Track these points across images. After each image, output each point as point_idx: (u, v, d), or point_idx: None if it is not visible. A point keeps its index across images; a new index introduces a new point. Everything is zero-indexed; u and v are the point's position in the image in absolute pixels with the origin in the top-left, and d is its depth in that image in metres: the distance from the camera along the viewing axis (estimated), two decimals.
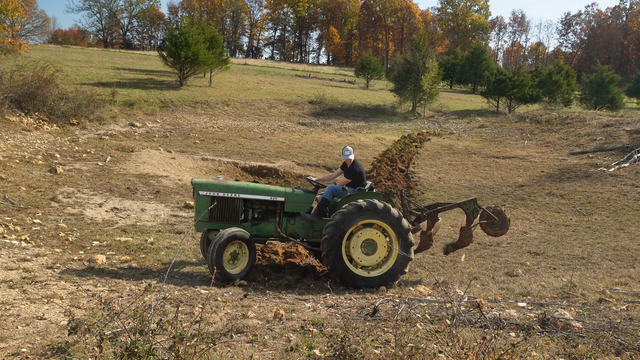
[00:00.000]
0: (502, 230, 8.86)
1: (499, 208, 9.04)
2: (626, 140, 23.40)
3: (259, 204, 8.08)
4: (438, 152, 23.09)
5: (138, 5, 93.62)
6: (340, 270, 7.45)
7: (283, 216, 8.06)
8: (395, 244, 7.61)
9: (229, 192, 7.87)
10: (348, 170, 8.32)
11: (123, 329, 3.77)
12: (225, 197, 7.85)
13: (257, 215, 8.08)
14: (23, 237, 8.38)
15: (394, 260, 7.62)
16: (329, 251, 7.41)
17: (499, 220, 8.81)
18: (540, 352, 4.53)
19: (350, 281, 7.47)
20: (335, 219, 7.47)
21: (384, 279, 7.56)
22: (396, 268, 7.62)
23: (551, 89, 39.04)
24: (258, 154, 20.05)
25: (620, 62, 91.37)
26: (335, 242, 7.40)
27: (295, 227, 8.06)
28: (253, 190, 8.00)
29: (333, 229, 7.42)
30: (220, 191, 7.83)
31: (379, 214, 7.52)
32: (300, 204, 8.07)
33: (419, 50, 35.19)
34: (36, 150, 15.64)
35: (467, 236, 8.77)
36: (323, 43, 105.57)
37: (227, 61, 36.21)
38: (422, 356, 3.77)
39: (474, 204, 8.89)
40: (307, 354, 4.32)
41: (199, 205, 7.75)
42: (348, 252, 7.62)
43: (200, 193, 7.72)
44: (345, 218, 7.44)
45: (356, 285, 7.45)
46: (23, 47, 22.37)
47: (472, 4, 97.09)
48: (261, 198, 7.98)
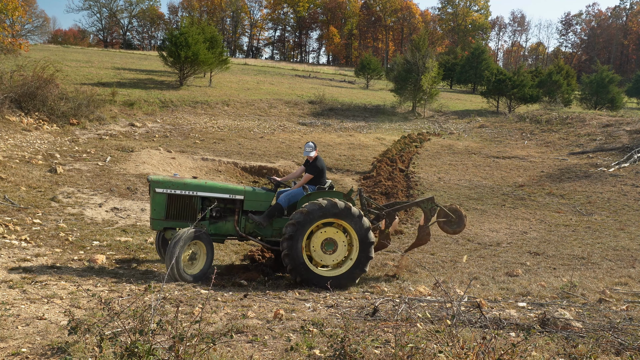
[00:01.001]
0: (460, 227, 9.01)
1: (455, 206, 9.17)
2: (626, 140, 23.40)
3: (217, 202, 7.88)
4: (438, 152, 23.09)
5: (138, 5, 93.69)
6: (300, 269, 7.40)
7: (242, 215, 7.92)
8: (356, 243, 7.62)
9: (186, 190, 7.64)
10: (309, 166, 8.24)
11: (123, 329, 3.77)
12: (182, 195, 7.63)
13: (215, 214, 7.88)
14: (23, 237, 8.38)
15: (355, 259, 7.61)
16: (288, 250, 7.33)
17: (455, 218, 8.94)
18: (540, 352, 4.53)
19: (310, 280, 7.41)
20: (295, 217, 7.40)
21: (344, 278, 7.54)
22: (356, 267, 7.60)
23: (551, 89, 39.05)
24: (258, 154, 20.05)
25: (620, 62, 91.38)
26: (295, 242, 7.34)
27: (254, 226, 7.93)
28: (211, 188, 7.82)
29: (293, 228, 7.34)
30: (177, 189, 7.61)
31: (340, 213, 7.48)
32: (259, 202, 7.95)
33: (419, 50, 35.19)
34: (36, 150, 15.64)
35: (424, 234, 8.90)
36: (323, 43, 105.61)
37: (227, 61, 36.22)
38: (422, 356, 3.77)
39: (431, 202, 9.01)
40: (307, 354, 4.32)
41: (155, 203, 7.58)
42: (308, 252, 7.59)
43: (157, 190, 7.53)
44: (305, 217, 7.37)
45: (317, 285, 7.37)
46: (23, 47, 22.37)
47: (472, 4, 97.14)
48: (219, 196, 7.82)
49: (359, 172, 18.87)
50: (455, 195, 15.88)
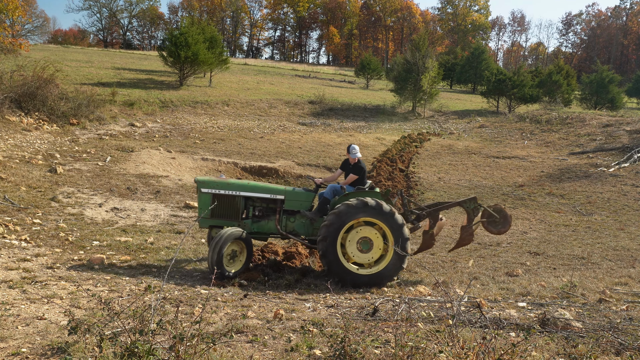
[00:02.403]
0: (505, 227, 8.81)
1: (500, 206, 8.98)
2: (626, 140, 23.40)
3: (259, 202, 8.22)
4: (438, 152, 23.08)
5: (138, 5, 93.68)
6: (335, 269, 7.52)
7: (283, 214, 8.16)
8: (390, 240, 7.62)
9: (230, 190, 8.01)
10: (354, 166, 8.36)
11: (123, 329, 3.77)
12: (226, 195, 8.00)
13: (257, 213, 8.21)
14: (23, 237, 8.38)
15: (390, 257, 7.63)
16: (324, 251, 7.51)
17: (500, 218, 8.76)
18: (540, 352, 4.53)
19: (346, 279, 7.50)
20: (328, 219, 7.57)
21: (381, 276, 7.59)
22: (392, 265, 7.61)
23: (551, 89, 39.06)
24: (258, 154, 20.05)
25: (620, 62, 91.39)
26: (330, 242, 7.48)
27: (295, 224, 8.16)
28: (253, 188, 8.15)
29: (326, 230, 7.51)
30: (221, 189, 7.99)
31: (371, 211, 7.55)
32: (300, 202, 8.17)
33: (419, 50, 35.19)
34: (36, 150, 15.64)
35: (467, 235, 8.72)
36: (323, 43, 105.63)
37: (227, 61, 36.22)
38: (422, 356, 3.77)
39: (474, 202, 8.81)
40: (307, 354, 4.32)
41: (201, 203, 8.00)
42: (345, 251, 7.67)
43: (202, 190, 7.95)
44: (338, 218, 7.49)
45: (353, 284, 7.48)
46: (23, 47, 22.37)
47: (472, 4, 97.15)
48: (261, 196, 8.12)
49: None
50: (455, 195, 15.87)
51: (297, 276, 7.94)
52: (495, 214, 8.76)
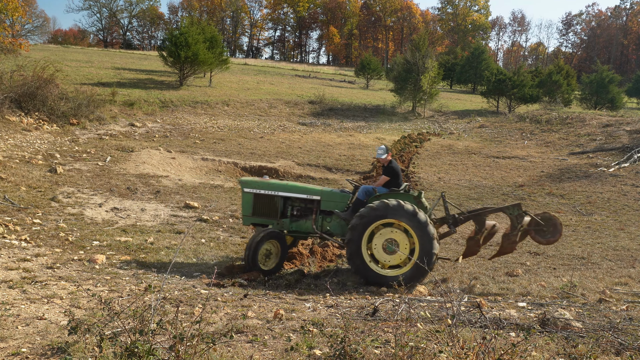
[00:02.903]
0: (554, 237, 8.15)
1: (549, 213, 8.30)
2: (626, 140, 23.39)
3: (298, 202, 8.51)
4: (438, 152, 23.08)
5: (138, 5, 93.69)
6: (362, 270, 7.60)
7: (319, 214, 8.37)
8: (416, 242, 7.50)
9: (269, 190, 8.42)
10: (385, 168, 8.41)
11: (123, 329, 3.77)
12: (266, 195, 8.41)
13: (296, 213, 8.52)
14: (23, 237, 8.38)
15: (415, 259, 7.54)
16: (350, 253, 7.64)
17: (549, 227, 8.13)
18: (540, 352, 4.53)
19: (372, 280, 7.49)
20: (353, 221, 7.68)
21: (407, 278, 7.37)
22: (418, 267, 7.44)
23: (551, 89, 39.05)
24: (258, 154, 20.05)
25: (620, 62, 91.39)
26: (355, 244, 7.57)
27: (331, 225, 8.32)
28: (291, 189, 8.48)
29: (352, 232, 7.63)
30: (261, 189, 8.43)
31: (393, 212, 7.50)
32: (335, 203, 8.33)
33: (419, 50, 35.19)
34: (36, 150, 15.64)
35: (509, 243, 8.20)
36: (323, 43, 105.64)
37: (227, 61, 36.23)
38: (422, 356, 3.77)
39: (518, 209, 8.26)
40: (307, 354, 4.32)
41: (244, 202, 8.55)
42: (371, 252, 7.69)
43: (245, 190, 8.49)
44: (361, 220, 7.59)
45: (380, 284, 7.42)
46: (23, 47, 22.36)
47: (472, 4, 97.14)
48: (299, 196, 8.42)
49: (359, 172, 18.86)
50: (455, 195, 15.87)
51: (297, 276, 7.95)
52: (542, 222, 8.13)
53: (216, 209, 12.29)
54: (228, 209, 12.36)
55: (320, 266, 8.69)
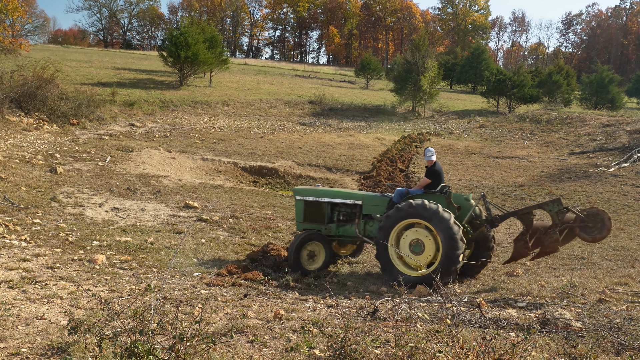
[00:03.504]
0: (602, 234, 7.58)
1: (595, 209, 7.74)
2: (626, 140, 23.39)
3: (343, 207, 8.79)
4: (438, 152, 23.07)
5: (138, 5, 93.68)
6: (388, 269, 7.69)
7: (362, 218, 8.58)
8: (440, 243, 7.41)
9: (317, 197, 8.82)
10: (427, 170, 8.47)
11: (123, 329, 3.77)
12: (314, 201, 8.82)
13: (342, 218, 8.82)
14: (23, 237, 8.37)
15: (438, 261, 7.46)
16: (378, 253, 7.81)
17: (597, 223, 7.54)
18: (540, 352, 4.53)
19: (400, 281, 7.28)
20: (380, 223, 7.87)
21: (431, 280, 7.13)
22: (441, 269, 7.25)
23: (551, 89, 39.04)
24: (258, 154, 20.05)
25: (620, 62, 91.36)
26: (382, 244, 7.71)
27: (372, 228, 8.48)
28: (336, 194, 8.84)
29: (380, 232, 7.80)
30: (310, 196, 8.86)
31: (416, 213, 7.53)
32: (375, 206, 8.49)
33: (419, 50, 35.18)
34: (36, 150, 15.64)
35: (550, 242, 7.69)
36: (323, 43, 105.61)
37: (227, 61, 36.23)
38: (422, 356, 3.76)
39: (558, 204, 7.77)
40: (307, 354, 4.32)
41: (296, 208, 9.03)
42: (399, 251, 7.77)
43: (296, 198, 8.97)
44: (387, 221, 7.74)
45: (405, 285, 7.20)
46: (23, 47, 22.36)
47: (472, 4, 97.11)
48: (342, 201, 8.72)
49: (359, 172, 18.87)
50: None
51: (297, 276, 7.95)
52: (587, 219, 7.58)
53: (216, 209, 12.29)
54: (228, 209, 12.36)
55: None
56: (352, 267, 8.96)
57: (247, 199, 13.78)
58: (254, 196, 14.34)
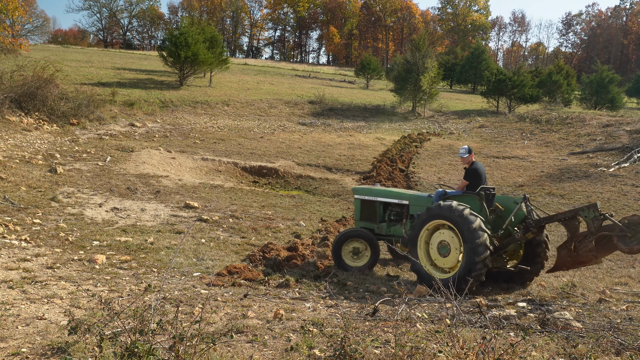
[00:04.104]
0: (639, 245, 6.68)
1: (637, 216, 6.85)
2: (626, 140, 23.39)
3: (394, 207, 8.79)
4: (438, 152, 23.08)
5: (138, 5, 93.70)
6: (416, 269, 7.63)
7: (409, 218, 8.56)
8: (462, 246, 7.17)
9: (370, 196, 8.87)
10: (465, 172, 8.19)
11: (123, 329, 3.77)
12: (369, 200, 8.88)
13: (392, 217, 8.83)
14: (23, 237, 8.37)
15: (460, 264, 7.21)
16: (410, 253, 7.70)
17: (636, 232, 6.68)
18: (540, 352, 4.53)
19: (424, 281, 7.33)
20: (412, 224, 7.87)
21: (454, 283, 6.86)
22: (462, 273, 6.98)
23: (551, 89, 39.03)
24: (258, 154, 20.05)
25: (620, 62, 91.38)
26: (412, 244, 7.67)
27: None
28: (386, 194, 8.83)
29: (410, 233, 7.78)
30: (365, 195, 8.94)
31: (441, 214, 7.37)
32: (421, 207, 8.37)
33: (419, 50, 35.18)
34: (36, 150, 15.64)
35: (585, 251, 6.98)
36: (323, 43, 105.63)
37: (227, 61, 36.22)
38: (422, 356, 3.77)
39: (594, 210, 7.03)
40: (307, 354, 4.32)
41: (355, 208, 9.18)
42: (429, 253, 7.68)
43: (355, 197, 9.11)
44: (417, 222, 7.71)
45: (430, 286, 6.97)
46: (23, 47, 22.36)
47: (472, 4, 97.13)
48: (391, 201, 8.72)
49: (359, 172, 18.86)
50: None
51: (297, 276, 7.94)
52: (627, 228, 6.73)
53: (216, 209, 12.29)
54: (228, 209, 12.36)
55: (321, 266, 8.69)
56: None
57: (247, 199, 13.78)
58: (254, 196, 14.34)
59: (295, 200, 14.49)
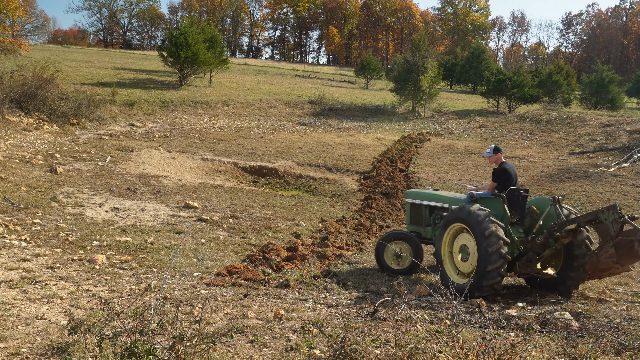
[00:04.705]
0: None
1: None
2: (626, 140, 23.39)
3: (438, 210, 8.62)
4: (438, 152, 23.08)
5: (138, 5, 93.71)
6: (440, 271, 7.38)
7: None
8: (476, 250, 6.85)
9: (417, 199, 8.85)
10: (492, 173, 7.88)
11: (123, 329, 3.77)
12: (416, 204, 8.85)
13: (437, 221, 8.59)
14: (23, 237, 8.37)
15: (474, 269, 6.90)
16: (434, 254, 7.66)
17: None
18: (540, 352, 4.53)
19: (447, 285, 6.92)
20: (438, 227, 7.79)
21: (470, 288, 6.55)
22: (475, 279, 6.69)
23: (551, 89, 39.04)
24: (258, 154, 20.05)
25: (620, 62, 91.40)
26: (437, 247, 7.55)
27: None
28: (431, 197, 8.71)
29: (437, 236, 7.65)
30: (414, 198, 8.93)
31: (459, 217, 7.11)
32: None
33: (419, 50, 35.19)
34: (36, 150, 15.64)
35: (605, 257, 6.35)
36: (323, 43, 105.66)
37: (227, 61, 36.23)
38: (422, 356, 3.77)
39: (613, 212, 6.44)
40: (307, 354, 4.32)
41: (406, 211, 9.19)
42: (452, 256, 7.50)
43: (406, 200, 9.15)
44: (441, 224, 7.60)
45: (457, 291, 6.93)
46: (23, 47, 22.37)
47: (472, 4, 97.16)
48: (434, 204, 8.60)
49: (359, 172, 18.86)
50: None
51: (297, 276, 7.94)
52: None
53: (216, 209, 12.29)
54: (228, 209, 12.36)
55: (321, 266, 8.69)
56: (352, 267, 8.95)
57: (247, 199, 13.78)
58: (254, 196, 14.34)
59: (295, 200, 14.49)
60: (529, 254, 7.05)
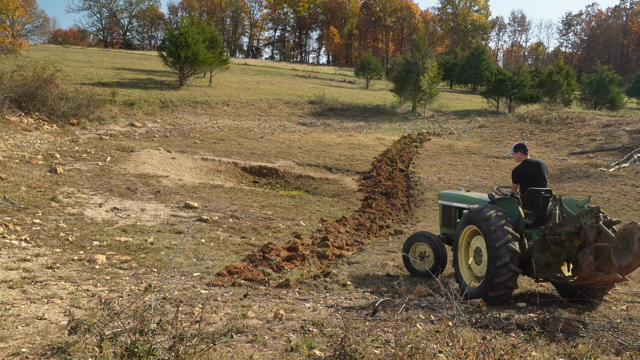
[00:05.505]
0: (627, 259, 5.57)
1: (631, 227, 5.59)
2: (626, 140, 23.39)
3: (464, 212, 8.32)
4: (438, 152, 23.08)
5: (138, 5, 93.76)
6: (457, 276, 7.41)
7: None
8: None
9: (447, 201, 8.80)
10: (512, 173, 7.62)
11: (123, 329, 3.77)
12: (447, 205, 8.77)
13: None
14: (23, 237, 8.37)
15: (484, 273, 6.78)
16: (453, 258, 7.59)
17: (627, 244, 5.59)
18: (540, 352, 4.53)
19: (462, 288, 6.90)
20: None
21: (480, 292, 6.63)
22: (484, 283, 6.62)
23: (551, 89, 39.05)
24: (258, 154, 20.05)
25: (620, 62, 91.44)
26: (454, 250, 7.51)
27: None
28: (458, 199, 8.61)
29: (454, 239, 7.62)
30: (445, 200, 8.88)
31: (472, 219, 6.99)
32: None
33: (419, 50, 35.20)
34: (36, 150, 15.64)
35: (584, 265, 5.97)
36: (323, 43, 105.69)
37: (227, 61, 36.23)
38: (422, 356, 3.77)
39: (590, 216, 6.04)
40: (307, 354, 4.32)
41: (439, 212, 9.13)
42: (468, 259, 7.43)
43: (439, 202, 9.09)
44: (458, 227, 7.54)
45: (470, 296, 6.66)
46: (23, 47, 22.37)
47: (472, 4, 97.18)
48: (460, 206, 8.42)
49: (359, 172, 18.86)
50: None
51: (297, 276, 7.94)
52: (618, 240, 5.69)
53: (216, 209, 12.29)
54: (228, 209, 12.36)
55: (321, 266, 8.69)
56: (352, 267, 8.96)
57: (247, 199, 13.78)
58: (254, 196, 14.34)
59: (295, 200, 14.49)
60: (547, 257, 6.64)
